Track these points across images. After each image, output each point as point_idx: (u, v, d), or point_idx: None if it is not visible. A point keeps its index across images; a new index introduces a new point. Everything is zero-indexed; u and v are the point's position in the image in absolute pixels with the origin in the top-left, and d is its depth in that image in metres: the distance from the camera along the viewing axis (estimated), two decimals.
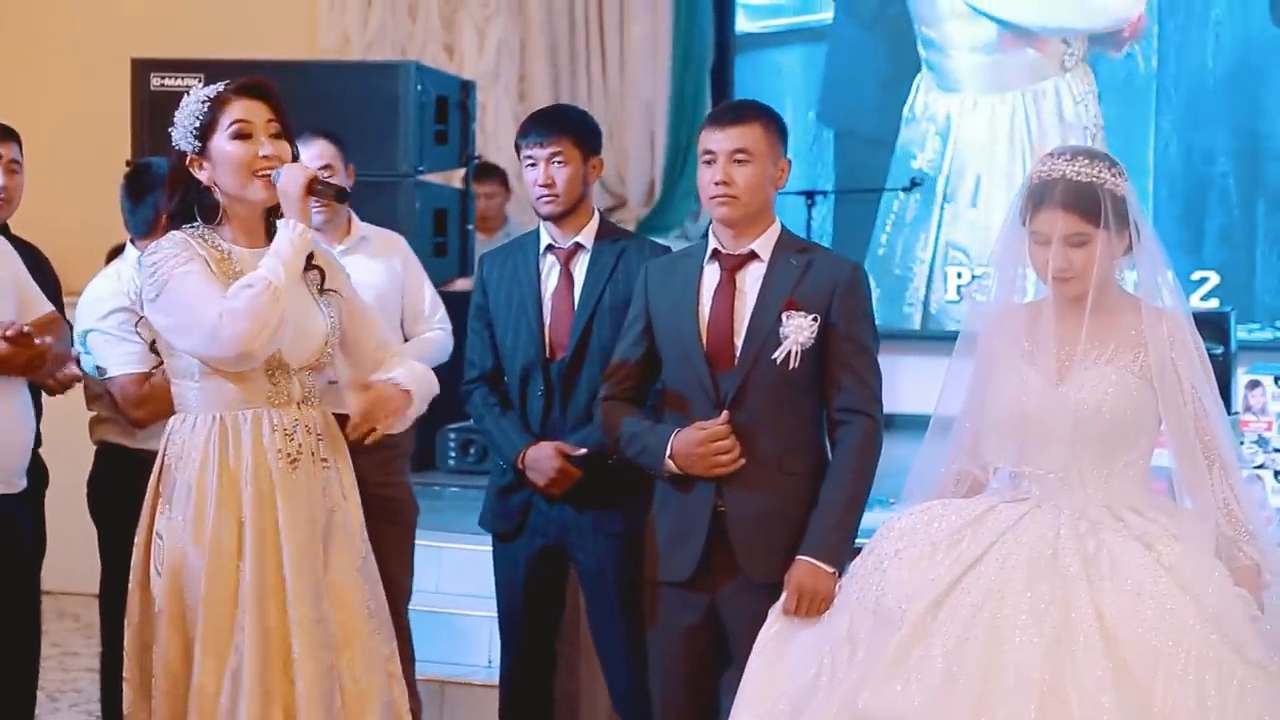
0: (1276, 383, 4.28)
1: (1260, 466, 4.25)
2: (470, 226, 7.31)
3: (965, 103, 8.92)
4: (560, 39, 9.16)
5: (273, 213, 3.60)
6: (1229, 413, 4.05)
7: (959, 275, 8.89)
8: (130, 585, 3.65)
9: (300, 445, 3.58)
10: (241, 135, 3.56)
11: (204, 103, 3.58)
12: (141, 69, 6.84)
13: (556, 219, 4.30)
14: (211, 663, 3.50)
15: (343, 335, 3.72)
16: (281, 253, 3.50)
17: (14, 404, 4.10)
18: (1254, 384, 4.32)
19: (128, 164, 6.68)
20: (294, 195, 3.52)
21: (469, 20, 9.16)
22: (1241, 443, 4.22)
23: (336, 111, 6.08)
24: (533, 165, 4.27)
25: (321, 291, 3.69)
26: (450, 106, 7.09)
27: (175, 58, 6.94)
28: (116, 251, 4.68)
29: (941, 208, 8.94)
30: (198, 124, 3.57)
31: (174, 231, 3.60)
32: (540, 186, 4.26)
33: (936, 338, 8.53)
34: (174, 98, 3.66)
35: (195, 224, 3.61)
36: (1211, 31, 8.62)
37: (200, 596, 3.50)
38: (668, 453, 3.81)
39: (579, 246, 4.31)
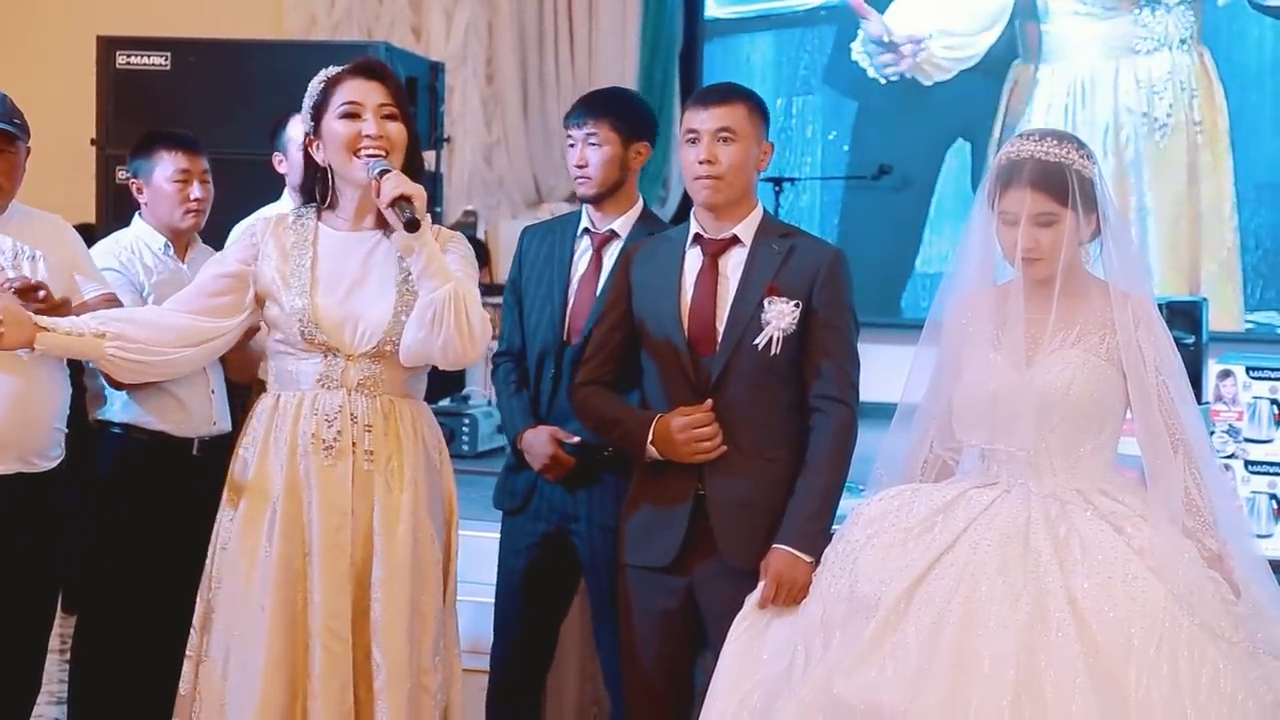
0: (1248, 373, 4.30)
1: (1231, 456, 4.27)
2: (439, 209, 7.28)
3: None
4: (528, 22, 9.14)
5: None
6: (1200, 402, 4.07)
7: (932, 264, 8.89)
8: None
9: (339, 433, 3.54)
10: (349, 115, 3.58)
11: (321, 84, 3.63)
12: (107, 47, 6.78)
13: (593, 201, 4.28)
14: (219, 638, 3.57)
15: None
16: (434, 254, 3.51)
17: (38, 373, 3.99)
18: (1225, 374, 4.33)
19: (92, 142, 6.65)
20: (381, 203, 3.51)
21: (437, 2, 9.13)
22: (1212, 432, 4.24)
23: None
24: (572, 146, 4.28)
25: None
26: (419, 88, 7.05)
27: (142, 35, 6.89)
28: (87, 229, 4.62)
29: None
30: (313, 105, 3.63)
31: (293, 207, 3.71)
32: (575, 167, 4.26)
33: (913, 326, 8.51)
34: (140, 76, 3.63)
35: (310, 205, 3.67)
36: None
37: (225, 574, 3.57)
38: (649, 438, 3.79)
39: (613, 234, 4.28)
